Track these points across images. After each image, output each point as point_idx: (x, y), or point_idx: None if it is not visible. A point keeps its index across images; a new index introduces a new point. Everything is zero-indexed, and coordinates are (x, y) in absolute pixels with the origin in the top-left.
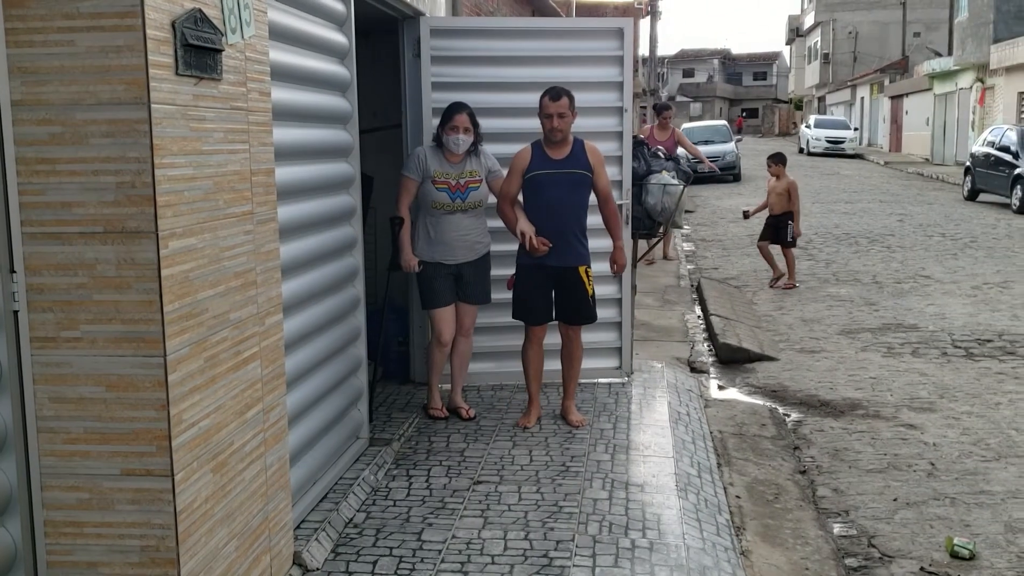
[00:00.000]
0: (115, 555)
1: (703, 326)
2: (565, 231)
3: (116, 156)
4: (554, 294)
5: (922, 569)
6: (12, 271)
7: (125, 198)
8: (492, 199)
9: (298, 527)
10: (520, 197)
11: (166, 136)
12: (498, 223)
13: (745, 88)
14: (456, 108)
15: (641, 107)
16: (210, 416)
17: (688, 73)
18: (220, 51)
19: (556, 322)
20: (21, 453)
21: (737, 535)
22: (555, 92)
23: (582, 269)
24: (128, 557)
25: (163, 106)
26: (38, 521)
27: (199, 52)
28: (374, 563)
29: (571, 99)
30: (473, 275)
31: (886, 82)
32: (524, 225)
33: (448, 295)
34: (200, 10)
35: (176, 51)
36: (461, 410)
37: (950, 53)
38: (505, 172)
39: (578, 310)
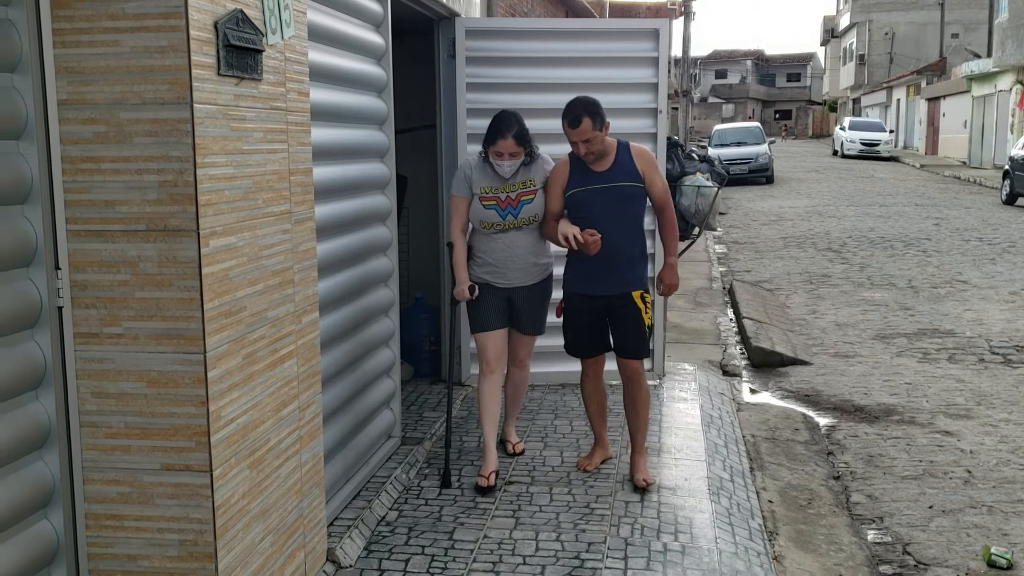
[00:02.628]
0: (154, 548)
1: (735, 329)
2: (618, 254)
3: (159, 155)
4: (608, 322)
5: None
6: (57, 268)
7: (167, 197)
8: None
9: (331, 524)
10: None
11: (208, 136)
12: None
13: (779, 90)
14: (500, 130)
15: None
16: (248, 413)
17: (721, 74)
18: (260, 51)
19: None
20: (64, 447)
21: (770, 540)
22: (573, 116)
23: (637, 294)
24: (167, 551)
25: (205, 106)
26: (80, 514)
27: (240, 52)
28: (407, 561)
29: (593, 116)
30: (527, 302)
31: (923, 84)
32: (565, 227)
33: (497, 318)
34: (241, 11)
35: (218, 51)
36: (509, 444)
37: (989, 55)
38: None
39: (629, 342)
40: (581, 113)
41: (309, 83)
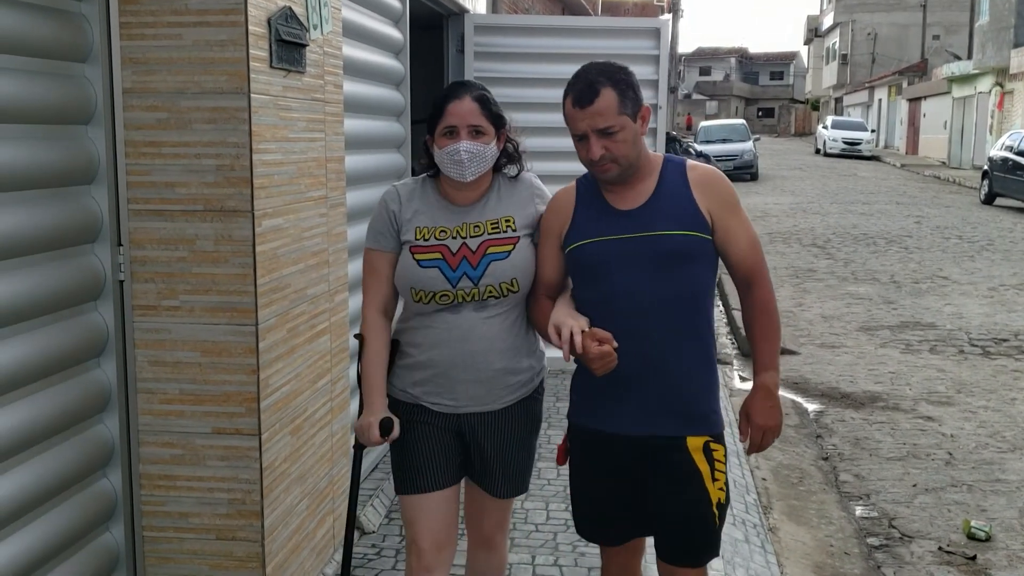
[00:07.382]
0: (204, 506)
1: (725, 320)
2: (660, 362)
3: (217, 141)
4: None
5: (940, 549)
6: (119, 244)
7: (224, 179)
8: None
9: None
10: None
11: (262, 124)
12: None
13: (762, 87)
14: (451, 93)
15: None
16: (289, 383)
17: (705, 71)
18: (305, 46)
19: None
20: (123, 411)
21: (764, 513)
22: (584, 85)
23: (699, 444)
24: (216, 509)
25: (260, 96)
26: (135, 474)
27: (288, 47)
28: None
29: (621, 88)
30: (495, 441)
31: (904, 84)
32: (561, 315)
33: (438, 470)
34: (290, 8)
35: (271, 45)
36: None
37: (970, 57)
38: None
39: (677, 533)
40: (599, 80)
41: (343, 76)
